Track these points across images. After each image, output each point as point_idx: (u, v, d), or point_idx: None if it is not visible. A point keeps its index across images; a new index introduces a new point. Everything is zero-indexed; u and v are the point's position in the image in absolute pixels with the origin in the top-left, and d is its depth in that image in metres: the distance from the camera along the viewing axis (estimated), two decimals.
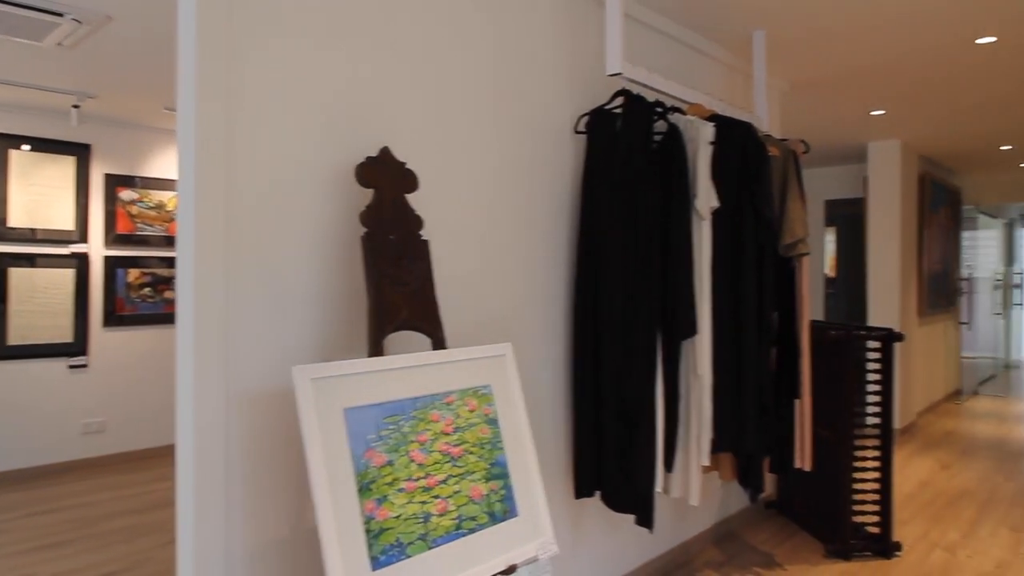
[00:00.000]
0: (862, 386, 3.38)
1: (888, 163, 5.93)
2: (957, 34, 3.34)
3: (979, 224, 8.19)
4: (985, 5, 2.99)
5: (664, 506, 3.15)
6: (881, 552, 3.32)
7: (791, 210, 2.79)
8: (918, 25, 3.23)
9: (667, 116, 2.57)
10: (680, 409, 2.50)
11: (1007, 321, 9.86)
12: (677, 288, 2.39)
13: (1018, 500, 4.14)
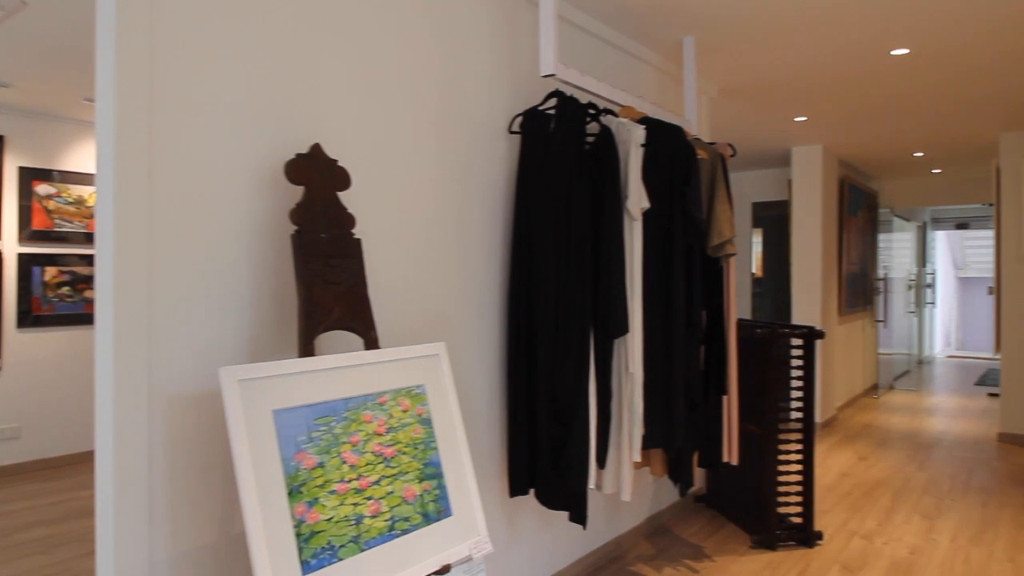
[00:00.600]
0: (786, 382, 3.51)
1: (810, 167, 6.17)
2: (873, 46, 3.50)
3: (894, 227, 8.60)
4: (899, 19, 3.14)
5: (597, 502, 3.20)
6: (804, 541, 3.45)
7: (719, 212, 2.88)
8: (837, 37, 3.37)
9: (600, 118, 2.61)
10: (612, 407, 2.54)
11: (920, 319, 10.39)
12: (609, 287, 2.43)
13: (929, 488, 4.37)
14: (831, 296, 6.47)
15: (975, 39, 3.40)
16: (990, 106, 4.73)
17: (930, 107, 4.76)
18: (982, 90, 4.32)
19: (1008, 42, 3.44)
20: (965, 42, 3.45)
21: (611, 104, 2.93)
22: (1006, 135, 5.55)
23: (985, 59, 3.71)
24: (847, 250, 6.81)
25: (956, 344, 12.72)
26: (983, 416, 6.66)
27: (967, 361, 11.23)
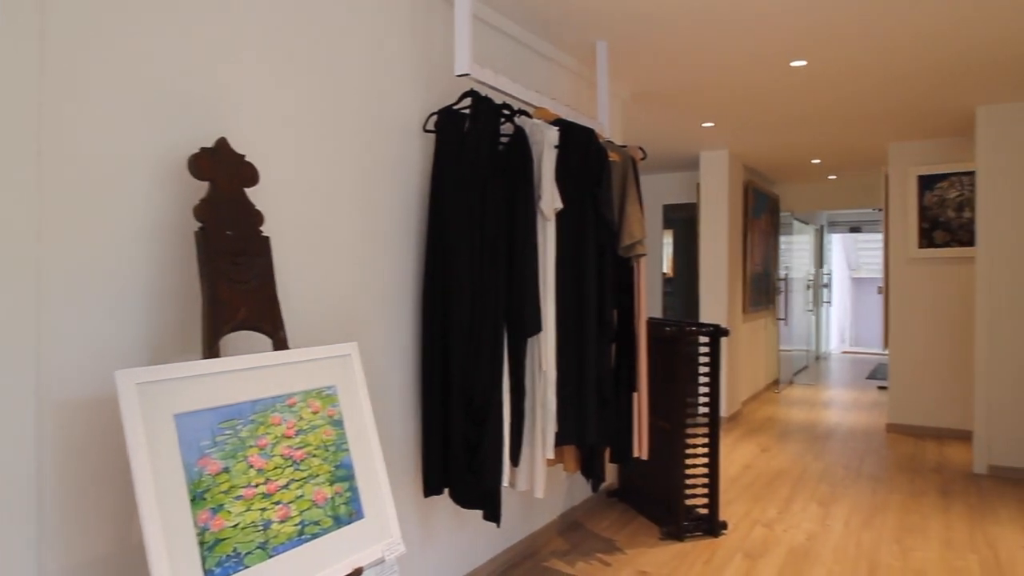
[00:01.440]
0: (694, 379, 3.63)
1: (717, 172, 6.40)
2: (775, 58, 3.67)
3: (794, 229, 9.04)
4: (798, 34, 3.31)
5: (511, 500, 3.23)
6: (710, 531, 3.58)
7: (630, 213, 2.95)
8: (742, 48, 3.51)
9: (514, 119, 2.63)
10: (526, 405, 2.57)
11: (817, 317, 10.96)
12: (523, 287, 2.45)
13: (825, 477, 4.62)
14: (736, 295, 6.74)
15: (867, 56, 3.62)
16: (880, 118, 5.04)
17: (826, 117, 5.04)
18: (873, 103, 4.60)
19: (896, 61, 3.68)
20: (858, 58, 3.66)
21: (525, 105, 2.96)
22: (894, 145, 5.93)
23: (876, 75, 3.95)
24: (751, 251, 7.11)
25: (850, 340, 13.49)
26: (873, 408, 7.09)
27: (860, 356, 11.93)
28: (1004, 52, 3.60)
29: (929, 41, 3.43)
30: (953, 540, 3.51)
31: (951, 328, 5.76)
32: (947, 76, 4.02)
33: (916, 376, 5.89)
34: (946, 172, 5.74)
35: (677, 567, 3.18)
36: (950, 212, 5.73)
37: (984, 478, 4.62)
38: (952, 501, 4.13)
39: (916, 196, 5.84)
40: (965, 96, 4.47)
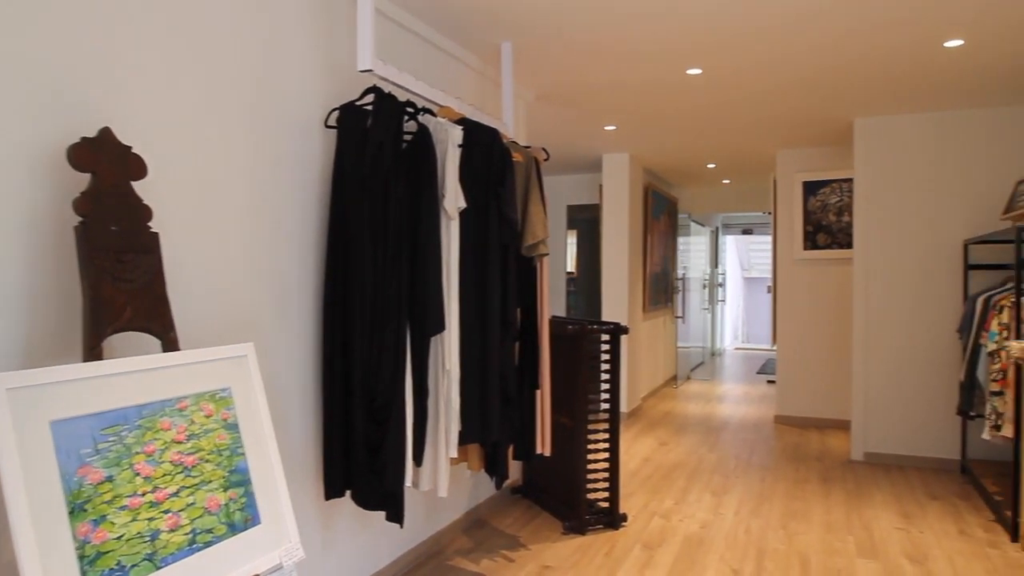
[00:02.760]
0: (596, 376, 3.72)
1: (619, 174, 6.58)
2: (671, 65, 3.81)
3: (691, 231, 9.40)
4: (692, 42, 3.44)
5: (415, 500, 3.21)
6: (610, 524, 3.68)
7: (532, 213, 2.99)
8: (641, 54, 3.63)
9: (418, 117, 2.62)
10: (429, 404, 2.56)
11: (712, 315, 11.44)
12: (426, 285, 2.44)
13: (718, 468, 4.83)
14: (637, 294, 6.95)
15: (757, 68, 3.81)
16: (769, 126, 5.31)
17: (720, 124, 5.27)
18: (763, 112, 4.85)
19: (784, 73, 3.89)
20: (749, 69, 3.85)
21: (430, 103, 2.94)
22: (782, 152, 6.27)
23: (765, 86, 4.17)
24: (651, 252, 7.34)
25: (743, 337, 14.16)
26: (763, 401, 7.47)
27: (751, 352, 12.54)
28: (878, 69, 3.87)
29: (813, 57, 3.65)
30: (833, 523, 3.75)
31: (832, 325, 6.14)
32: (829, 89, 4.29)
33: (801, 370, 6.25)
34: (828, 179, 6.12)
35: (579, 560, 3.25)
36: (831, 216, 6.11)
37: (861, 464, 4.96)
38: (832, 487, 4.41)
39: (801, 201, 6.20)
40: (844, 108, 4.77)
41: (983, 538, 3.54)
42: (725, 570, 3.15)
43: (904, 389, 4.97)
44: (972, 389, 4.16)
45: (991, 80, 4.10)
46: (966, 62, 3.76)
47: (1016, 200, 4.12)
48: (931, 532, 3.62)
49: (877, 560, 3.26)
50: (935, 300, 4.89)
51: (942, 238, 4.87)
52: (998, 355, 3.71)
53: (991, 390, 3.74)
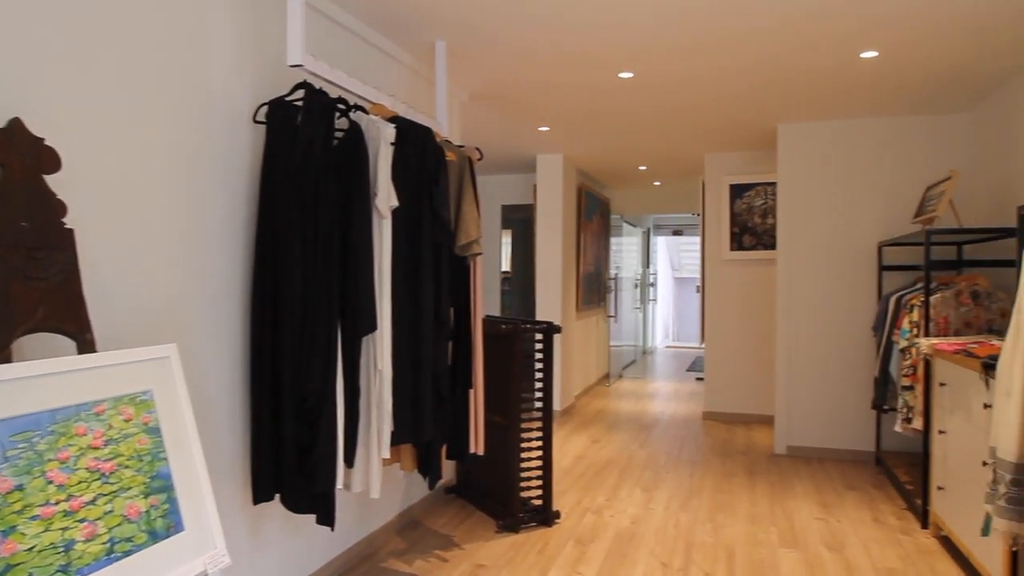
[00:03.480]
0: (530, 374, 3.75)
1: (553, 174, 6.64)
2: (605, 68, 3.87)
3: (624, 231, 9.57)
4: (626, 46, 3.51)
5: (347, 502, 3.16)
6: (544, 521, 3.71)
7: (466, 212, 2.99)
8: (574, 56, 3.67)
9: (350, 114, 2.58)
10: (361, 404, 2.53)
11: (644, 314, 11.67)
12: (357, 285, 2.41)
13: (649, 464, 4.93)
14: (570, 294, 7.02)
15: (686, 73, 3.91)
16: (698, 130, 5.45)
17: (651, 127, 5.38)
18: (692, 116, 4.97)
19: (711, 79, 4.00)
20: (678, 74, 3.94)
21: (362, 100, 2.91)
22: (710, 155, 6.44)
23: (694, 90, 4.28)
24: (584, 252, 7.43)
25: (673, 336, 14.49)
26: (692, 398, 7.66)
27: (681, 350, 12.84)
28: (800, 78, 4.02)
29: (739, 65, 3.77)
30: (757, 515, 3.88)
31: (757, 324, 6.35)
32: (754, 96, 4.43)
33: (728, 368, 6.44)
34: (753, 182, 6.32)
35: (513, 558, 3.27)
36: (757, 218, 6.32)
37: (784, 458, 5.14)
38: (757, 480, 4.56)
39: (728, 203, 6.39)
40: (769, 114, 4.94)
41: (896, 525, 3.72)
42: (655, 564, 3.22)
43: (823, 385, 5.18)
44: (885, 384, 4.37)
45: (904, 90, 4.31)
46: (881, 72, 3.95)
47: (925, 205, 4.35)
48: (848, 521, 3.79)
49: (798, 549, 3.39)
50: (852, 299, 5.12)
51: (858, 240, 5.10)
52: (909, 352, 3.91)
53: (902, 385, 3.94)
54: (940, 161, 4.90)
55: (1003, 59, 3.68)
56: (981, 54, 3.61)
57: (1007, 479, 2.36)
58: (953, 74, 3.96)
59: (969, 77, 4.02)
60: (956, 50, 3.56)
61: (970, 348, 3.08)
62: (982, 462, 2.74)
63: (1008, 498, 2.36)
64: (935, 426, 3.47)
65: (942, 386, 3.37)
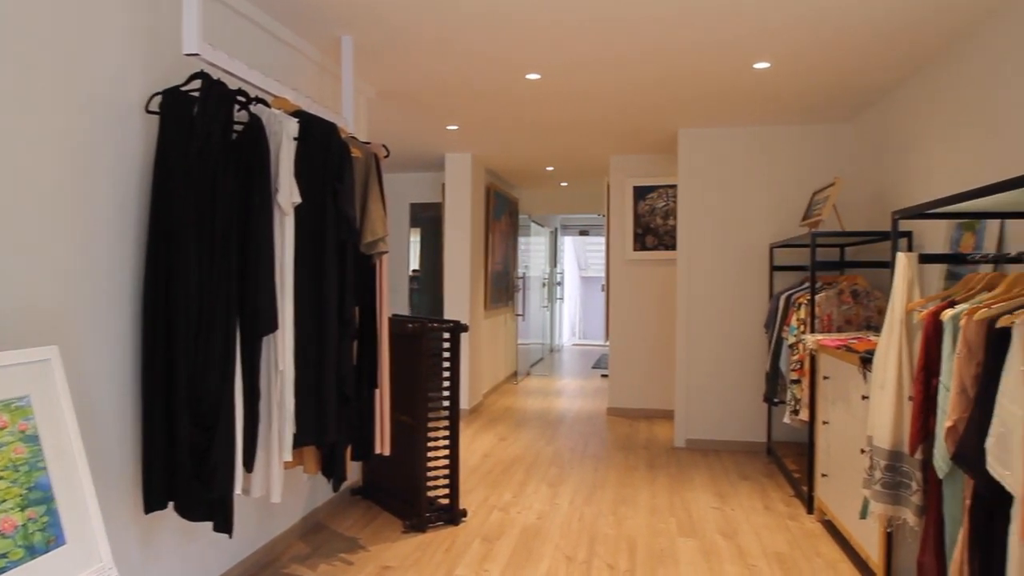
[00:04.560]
0: (438, 373, 3.74)
1: (461, 173, 6.64)
2: (512, 69, 3.90)
3: (532, 231, 9.68)
4: (533, 47, 3.55)
5: (247, 507, 3.06)
6: (451, 520, 3.71)
7: (372, 210, 2.95)
8: (482, 57, 3.69)
9: (250, 106, 2.50)
10: (261, 406, 2.45)
11: (551, 313, 11.84)
12: (257, 283, 2.34)
13: (555, 461, 5.02)
14: (479, 292, 7.05)
15: (591, 76, 4.00)
16: (603, 133, 5.58)
17: (557, 128, 5.46)
18: (597, 119, 5.09)
19: (616, 83, 4.11)
20: (584, 77, 4.03)
21: (264, 93, 2.82)
22: (614, 158, 6.61)
23: (599, 94, 4.38)
24: (492, 251, 7.47)
25: (580, 334, 14.78)
26: (597, 394, 7.84)
27: (587, 348, 13.12)
28: (698, 86, 4.19)
29: (642, 71, 3.88)
30: (657, 507, 4.02)
31: (659, 322, 6.57)
32: (656, 101, 4.58)
33: (631, 364, 6.63)
34: (656, 184, 6.53)
35: (420, 558, 3.26)
36: (659, 220, 6.53)
37: (683, 451, 5.34)
38: (657, 473, 4.72)
39: (632, 204, 6.57)
40: (670, 119, 5.12)
41: (784, 512, 3.94)
42: (559, 557, 3.28)
43: (720, 380, 5.42)
44: (776, 378, 4.61)
45: (794, 100, 4.56)
46: (773, 82, 4.16)
47: (812, 209, 4.61)
48: (741, 509, 3.98)
49: (696, 538, 3.53)
50: (746, 298, 5.37)
51: (752, 241, 5.36)
52: (797, 347, 4.14)
53: (791, 379, 4.17)
54: (826, 168, 5.21)
55: (881, 73, 3.95)
56: (862, 68, 3.86)
57: (882, 465, 2.54)
58: (838, 86, 4.23)
59: (852, 90, 4.29)
60: (841, 64, 3.79)
61: (850, 344, 3.30)
62: (860, 450, 2.93)
63: (883, 483, 2.54)
64: (819, 417, 3.70)
65: (826, 379, 3.59)
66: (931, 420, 2.27)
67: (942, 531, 2.28)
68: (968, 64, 3.29)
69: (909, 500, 2.47)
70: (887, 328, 2.55)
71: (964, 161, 3.32)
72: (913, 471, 2.45)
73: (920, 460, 2.41)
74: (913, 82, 3.95)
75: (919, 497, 2.43)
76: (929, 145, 3.73)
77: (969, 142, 3.27)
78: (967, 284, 2.42)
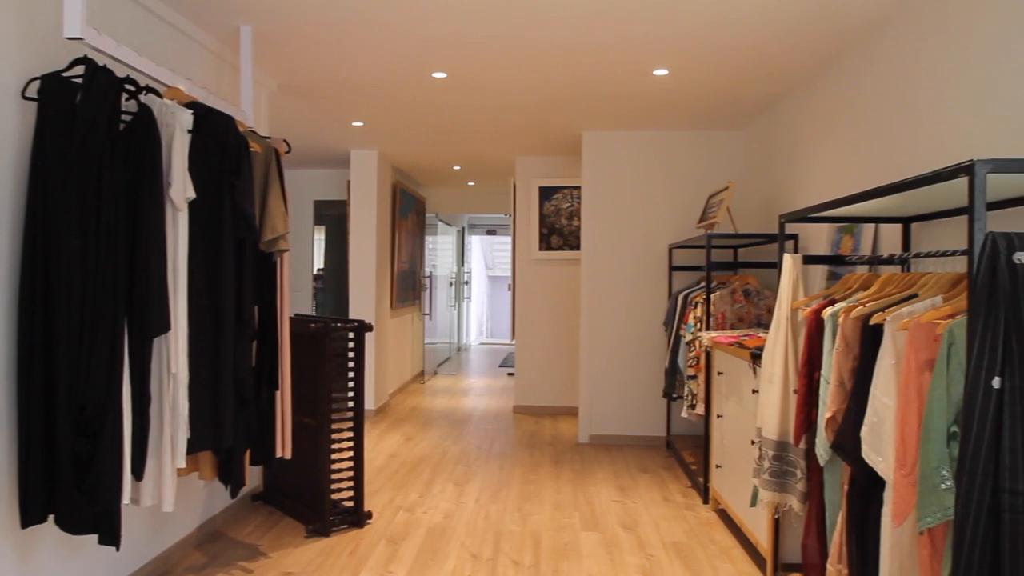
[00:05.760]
0: (342, 374, 3.67)
1: (367, 171, 6.54)
2: (418, 66, 3.88)
3: (439, 230, 9.64)
4: (440, 46, 3.54)
5: (137, 518, 2.91)
6: (355, 523, 3.65)
7: (272, 207, 2.87)
8: (387, 53, 3.65)
9: (140, 96, 2.38)
10: (152, 411, 2.34)
11: (459, 312, 11.84)
12: (148, 281, 2.23)
13: (461, 459, 5.02)
14: (385, 292, 6.96)
15: (498, 77, 4.02)
16: (509, 133, 5.63)
17: (464, 128, 5.47)
18: (503, 119, 5.13)
19: (522, 84, 4.15)
20: (490, 77, 4.05)
21: (155, 83, 2.69)
22: (520, 158, 6.68)
23: (505, 95, 4.41)
24: (399, 250, 7.40)
25: (487, 333, 14.84)
26: (503, 392, 7.90)
27: (494, 347, 13.19)
28: (601, 90, 4.30)
29: (547, 73, 3.94)
30: (562, 502, 4.10)
31: (564, 320, 6.68)
32: (560, 104, 4.66)
33: (537, 362, 6.72)
34: (561, 185, 6.64)
35: (323, 563, 3.19)
36: (563, 220, 6.65)
37: (587, 446, 5.46)
38: (562, 469, 4.81)
39: (537, 205, 6.66)
40: (574, 121, 5.22)
41: (682, 502, 4.10)
42: (465, 556, 3.29)
43: (622, 376, 5.57)
44: (674, 374, 4.78)
45: (691, 106, 4.75)
46: (671, 89, 4.32)
47: (708, 211, 4.82)
48: (641, 502, 4.11)
49: (598, 531, 3.62)
50: (647, 297, 5.55)
51: (653, 242, 5.54)
52: (693, 344, 4.31)
53: (688, 374, 4.34)
54: (721, 173, 5.45)
55: (769, 85, 4.17)
56: (752, 80, 4.07)
57: (770, 455, 2.69)
58: (731, 96, 4.43)
59: (744, 99, 4.51)
60: (733, 75, 3.98)
61: (742, 340, 3.47)
62: (751, 441, 3.09)
63: (771, 472, 2.69)
64: (714, 411, 3.87)
65: (720, 375, 3.76)
66: (814, 412, 2.43)
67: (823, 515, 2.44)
68: (844, 79, 3.53)
69: (794, 488, 2.63)
70: (775, 325, 2.70)
71: (844, 168, 3.55)
72: (798, 460, 2.61)
73: (804, 450, 2.56)
74: (797, 94, 4.19)
75: (803, 484, 2.59)
76: (812, 152, 3.96)
77: (848, 150, 3.50)
78: (846, 284, 2.60)
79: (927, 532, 1.68)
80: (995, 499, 1.48)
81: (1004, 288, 1.48)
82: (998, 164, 1.58)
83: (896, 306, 2.00)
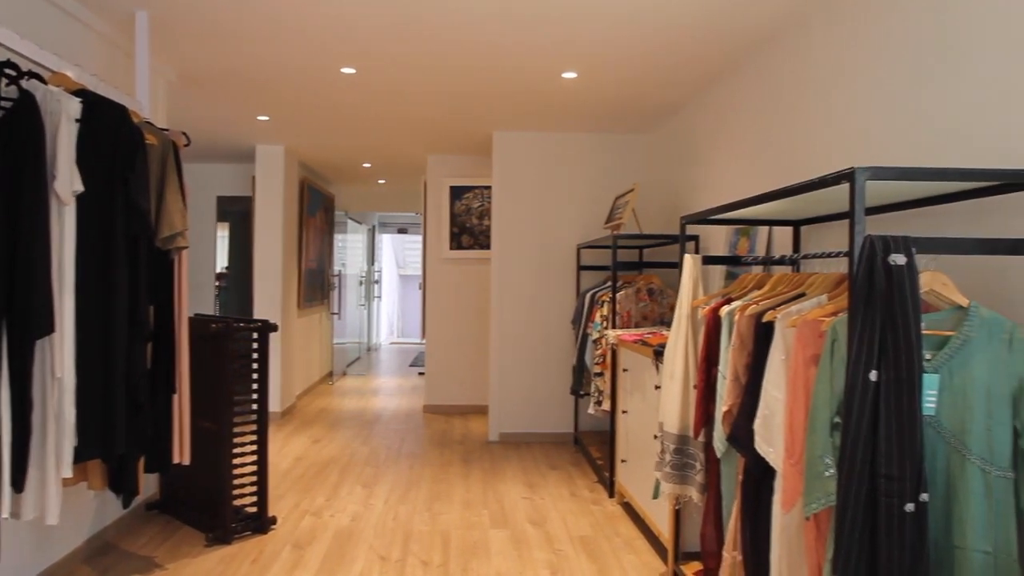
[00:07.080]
0: (246, 376, 3.55)
1: (273, 166, 6.36)
2: (327, 61, 3.80)
3: (348, 228, 9.47)
4: (348, 40, 3.48)
5: (18, 531, 2.73)
6: (259, 529, 3.55)
7: (170, 202, 2.75)
8: (294, 46, 3.55)
9: (21, 81, 2.23)
10: (34, 418, 2.19)
11: (369, 311, 11.67)
12: (29, 279, 2.09)
13: (370, 461, 4.96)
14: (291, 291, 6.78)
15: (409, 75, 3.99)
16: (420, 131, 5.60)
17: (374, 124, 5.40)
18: (414, 117, 5.09)
19: (432, 82, 4.13)
20: (401, 75, 4.01)
21: (40, 68, 2.52)
22: (432, 157, 6.65)
23: (416, 93, 4.38)
24: (306, 248, 7.23)
25: (398, 332, 14.68)
26: (414, 392, 7.85)
27: (405, 346, 13.07)
28: (511, 91, 4.33)
29: (457, 74, 3.94)
30: (471, 500, 4.11)
31: (474, 319, 6.70)
32: (471, 103, 4.67)
33: (447, 361, 6.70)
34: (472, 184, 6.65)
35: (223, 572, 3.08)
36: (474, 219, 6.66)
37: (496, 444, 5.50)
38: (472, 467, 4.82)
39: (448, 204, 6.65)
40: (485, 121, 5.24)
41: (589, 497, 4.19)
42: (373, 558, 3.26)
43: (530, 374, 5.64)
44: (581, 372, 4.88)
45: (600, 109, 4.86)
46: (580, 92, 4.40)
47: (614, 212, 4.94)
48: (550, 498, 4.18)
49: (507, 528, 3.66)
50: (556, 296, 5.63)
51: (561, 242, 5.63)
52: (600, 342, 4.42)
53: (595, 372, 4.44)
54: (627, 174, 5.60)
55: (673, 91, 4.32)
56: (656, 85, 4.20)
57: (671, 449, 2.79)
58: (637, 100, 4.56)
59: (649, 104, 4.65)
60: (639, 80, 4.10)
61: (646, 338, 3.58)
62: (654, 436, 3.19)
63: (672, 465, 2.78)
64: (619, 407, 3.97)
65: (625, 371, 3.86)
66: (712, 406, 2.53)
67: (720, 505, 2.55)
68: (739, 89, 3.70)
69: (694, 479, 2.74)
70: (676, 323, 2.80)
71: (740, 172, 3.72)
72: (697, 453, 2.72)
73: (703, 443, 2.67)
74: (697, 101, 4.36)
75: (702, 476, 2.70)
76: (711, 157, 4.13)
77: (743, 156, 3.67)
78: (742, 283, 2.72)
79: (813, 517, 1.79)
80: (872, 484, 1.58)
81: (880, 287, 1.59)
82: (876, 172, 1.69)
83: (786, 304, 2.11)
